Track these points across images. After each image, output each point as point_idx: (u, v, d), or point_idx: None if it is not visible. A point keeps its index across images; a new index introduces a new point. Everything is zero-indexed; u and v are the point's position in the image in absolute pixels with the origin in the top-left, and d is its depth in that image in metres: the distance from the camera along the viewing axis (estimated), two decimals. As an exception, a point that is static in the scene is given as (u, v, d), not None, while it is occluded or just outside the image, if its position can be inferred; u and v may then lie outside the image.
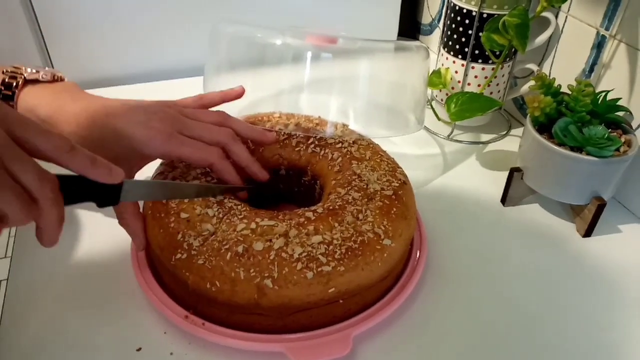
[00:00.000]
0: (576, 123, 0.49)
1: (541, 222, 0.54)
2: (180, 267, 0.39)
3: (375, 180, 0.43)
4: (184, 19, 0.75)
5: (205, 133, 0.43)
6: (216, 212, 0.40)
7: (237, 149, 0.44)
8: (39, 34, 0.71)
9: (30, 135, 0.30)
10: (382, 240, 0.39)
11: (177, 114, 0.44)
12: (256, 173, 0.45)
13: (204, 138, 0.43)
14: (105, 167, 0.33)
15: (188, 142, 0.42)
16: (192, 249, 0.38)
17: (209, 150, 0.42)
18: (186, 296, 0.40)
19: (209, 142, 0.43)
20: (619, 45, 0.54)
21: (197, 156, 0.42)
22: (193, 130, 0.43)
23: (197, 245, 0.38)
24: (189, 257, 0.38)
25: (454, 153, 0.64)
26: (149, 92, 0.73)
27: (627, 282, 0.48)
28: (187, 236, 0.39)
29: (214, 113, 0.46)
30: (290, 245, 0.38)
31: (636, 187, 0.54)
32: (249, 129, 0.46)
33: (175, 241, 0.39)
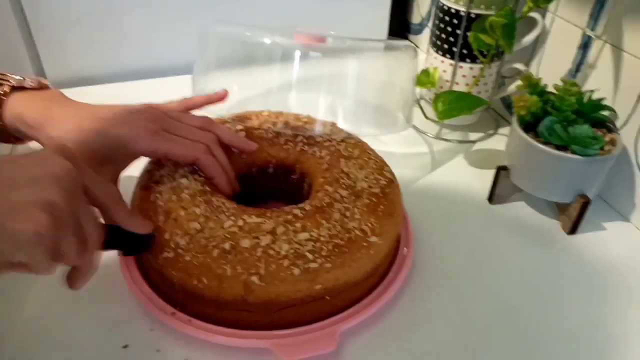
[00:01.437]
0: (562, 122, 0.50)
1: (527, 219, 0.54)
2: (167, 265, 0.39)
3: (363, 178, 0.44)
4: (173, 18, 0.75)
5: (189, 135, 0.44)
6: (203, 211, 0.40)
7: (218, 154, 0.45)
8: (27, 32, 0.70)
9: (92, 184, 0.34)
10: (368, 237, 0.40)
11: (162, 114, 0.44)
12: (226, 184, 0.45)
13: (188, 138, 0.44)
14: (139, 219, 0.39)
15: (173, 139, 0.43)
16: (178, 247, 0.38)
17: (194, 146, 0.43)
18: (173, 293, 0.40)
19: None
20: (604, 45, 0.54)
21: (183, 152, 0.42)
22: (178, 130, 0.44)
23: (183, 244, 0.38)
24: (176, 255, 0.38)
25: (441, 152, 0.64)
26: (139, 90, 0.73)
27: (612, 279, 0.48)
28: (174, 235, 0.39)
29: (199, 117, 0.47)
30: (278, 243, 0.38)
31: (620, 186, 0.55)
32: (232, 136, 0.47)
33: (162, 240, 0.39)
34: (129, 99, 0.45)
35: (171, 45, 0.77)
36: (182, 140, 0.43)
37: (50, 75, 0.74)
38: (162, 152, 0.42)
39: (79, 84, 0.73)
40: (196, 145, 0.43)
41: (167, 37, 0.77)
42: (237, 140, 0.48)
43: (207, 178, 0.44)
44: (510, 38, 0.54)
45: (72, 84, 0.72)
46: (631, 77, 0.52)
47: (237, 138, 0.48)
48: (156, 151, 0.42)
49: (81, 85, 0.73)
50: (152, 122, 0.43)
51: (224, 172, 0.45)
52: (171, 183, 0.42)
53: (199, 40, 0.55)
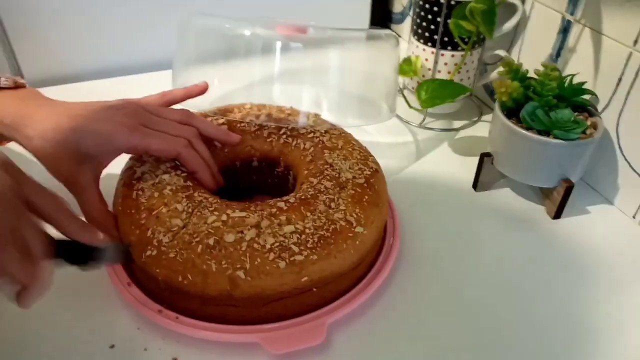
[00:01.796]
0: (543, 107, 0.50)
1: (512, 205, 0.55)
2: (151, 263, 0.38)
3: (347, 169, 0.44)
4: (152, 12, 0.74)
5: (169, 130, 0.43)
6: (185, 207, 0.40)
7: (200, 148, 0.44)
8: (1, 28, 0.69)
9: (34, 195, 0.33)
10: (354, 228, 0.39)
11: (140, 109, 0.44)
12: (209, 178, 0.45)
13: (168, 133, 0.43)
14: (88, 230, 0.36)
15: (153, 134, 0.42)
16: (161, 245, 0.38)
17: (175, 141, 0.42)
18: (159, 291, 0.40)
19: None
20: (583, 29, 0.55)
21: (164, 147, 0.42)
22: (157, 125, 0.43)
23: (166, 241, 0.38)
24: (159, 253, 0.38)
25: (426, 140, 0.64)
26: (119, 87, 0.72)
27: (596, 262, 0.49)
28: (157, 232, 0.38)
29: (178, 111, 0.46)
30: (262, 236, 0.38)
31: (602, 169, 0.55)
32: (213, 129, 0.47)
33: (145, 238, 0.39)
34: (109, 96, 0.44)
35: (151, 39, 0.76)
36: (162, 135, 0.42)
37: (28, 73, 0.72)
38: (142, 147, 0.42)
39: (57, 83, 0.71)
40: (177, 140, 0.43)
41: (146, 32, 0.75)
42: (219, 133, 0.47)
43: (189, 173, 0.43)
44: (490, 24, 0.54)
45: (50, 83, 0.71)
46: (611, 61, 0.52)
47: (218, 130, 0.47)
48: (136, 147, 0.42)
49: (59, 84, 0.71)
50: (131, 118, 0.42)
51: (207, 166, 0.44)
52: (153, 180, 0.42)
53: (178, 33, 0.54)
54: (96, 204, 0.42)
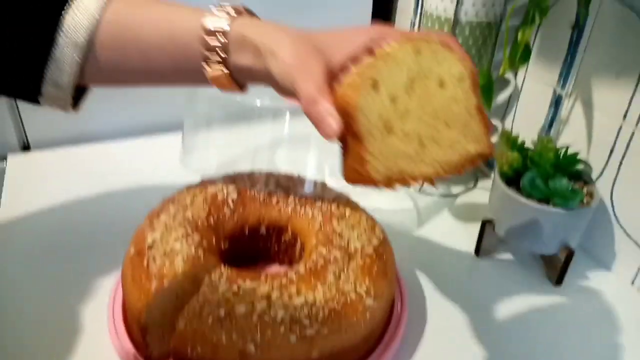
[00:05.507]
0: (542, 176, 0.52)
1: (514, 272, 0.56)
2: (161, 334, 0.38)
3: (356, 238, 0.44)
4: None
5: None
6: (196, 276, 0.40)
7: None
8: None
9: None
10: (364, 300, 0.40)
11: None
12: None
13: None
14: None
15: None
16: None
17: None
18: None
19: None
20: (575, 103, 0.57)
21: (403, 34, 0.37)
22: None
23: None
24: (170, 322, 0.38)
25: (426, 206, 0.65)
26: (125, 150, 0.73)
27: (597, 329, 0.49)
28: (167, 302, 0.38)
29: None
30: (273, 308, 0.38)
31: (599, 235, 0.57)
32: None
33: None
34: (117, 158, 0.45)
35: (160, 102, 0.77)
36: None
37: (32, 135, 0.73)
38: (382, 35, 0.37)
39: (64, 144, 0.72)
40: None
41: (156, 94, 0.77)
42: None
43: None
44: (488, 97, 0.56)
45: (58, 144, 0.72)
46: (602, 133, 0.55)
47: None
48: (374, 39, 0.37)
49: (66, 144, 0.72)
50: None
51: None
52: (164, 248, 0.42)
53: (188, 99, 0.56)
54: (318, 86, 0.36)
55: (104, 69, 0.40)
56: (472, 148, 0.36)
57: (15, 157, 0.70)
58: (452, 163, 0.36)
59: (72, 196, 0.62)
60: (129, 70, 0.41)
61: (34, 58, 0.38)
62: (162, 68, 0.41)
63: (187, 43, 0.39)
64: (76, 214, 0.60)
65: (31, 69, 0.39)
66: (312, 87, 0.35)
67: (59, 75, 0.39)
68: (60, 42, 0.38)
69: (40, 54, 0.38)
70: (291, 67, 0.36)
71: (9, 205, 0.60)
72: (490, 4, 0.57)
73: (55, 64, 0.39)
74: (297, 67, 0.36)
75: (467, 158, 0.36)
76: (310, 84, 0.35)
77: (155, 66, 0.40)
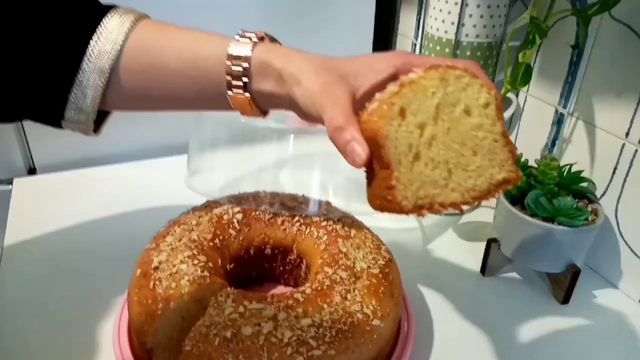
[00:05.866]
0: (546, 195, 0.52)
1: (520, 290, 0.55)
2: (168, 357, 0.38)
3: (362, 258, 0.44)
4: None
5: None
6: (202, 297, 0.40)
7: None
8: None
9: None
10: (371, 321, 0.40)
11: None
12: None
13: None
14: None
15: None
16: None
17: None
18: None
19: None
20: (577, 121, 0.58)
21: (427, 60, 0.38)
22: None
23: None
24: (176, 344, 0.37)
25: (431, 226, 0.65)
26: (132, 172, 0.74)
27: (605, 347, 0.49)
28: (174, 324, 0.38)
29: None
30: (280, 329, 0.38)
31: (604, 253, 0.57)
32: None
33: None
34: (122, 181, 0.45)
35: (167, 125, 0.78)
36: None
37: (38, 158, 0.74)
38: (406, 62, 0.38)
39: (69, 167, 0.73)
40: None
41: (162, 117, 0.78)
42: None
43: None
44: (490, 117, 0.57)
45: (64, 167, 0.73)
46: (605, 151, 0.55)
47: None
48: (396, 65, 0.38)
49: (72, 168, 0.73)
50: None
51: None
52: (170, 270, 0.42)
53: (195, 122, 0.57)
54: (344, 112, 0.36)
55: (127, 94, 0.41)
56: (498, 174, 0.36)
57: (21, 180, 0.71)
58: (479, 189, 0.36)
59: (77, 219, 0.62)
60: (152, 95, 0.42)
61: (59, 83, 0.39)
62: (185, 94, 0.41)
63: (210, 69, 0.40)
64: (82, 236, 0.60)
65: (55, 93, 0.39)
66: (339, 114, 0.35)
67: (83, 100, 0.40)
68: (84, 68, 0.39)
69: (65, 79, 0.39)
70: (317, 95, 0.36)
71: (15, 228, 0.60)
72: (490, 25, 0.58)
73: (79, 89, 0.39)
74: (324, 95, 0.36)
75: (493, 184, 0.36)
76: (337, 112, 0.35)
77: (178, 92, 0.41)
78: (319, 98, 0.36)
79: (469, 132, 0.35)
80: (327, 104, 0.36)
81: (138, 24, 0.40)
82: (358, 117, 0.35)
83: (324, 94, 0.36)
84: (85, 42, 0.39)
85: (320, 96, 0.36)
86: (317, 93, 0.36)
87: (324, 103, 0.36)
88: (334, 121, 0.35)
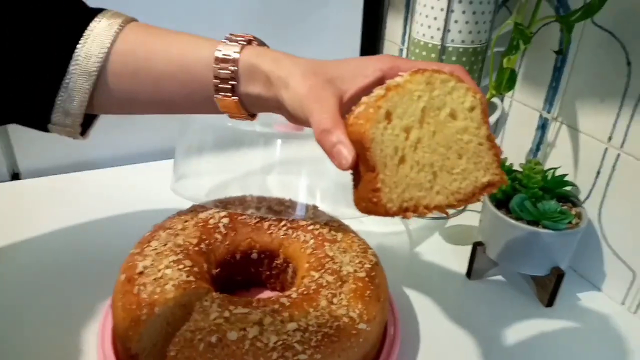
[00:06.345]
0: (530, 199, 0.52)
1: (506, 293, 0.56)
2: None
3: (348, 262, 0.44)
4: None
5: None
6: (187, 302, 0.40)
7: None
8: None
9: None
10: (357, 324, 0.40)
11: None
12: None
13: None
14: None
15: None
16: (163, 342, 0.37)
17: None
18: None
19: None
20: (561, 126, 0.59)
21: (414, 64, 0.38)
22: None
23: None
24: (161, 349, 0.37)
25: (418, 229, 0.66)
26: (118, 177, 0.73)
27: (589, 350, 0.49)
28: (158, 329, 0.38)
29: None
30: (265, 334, 0.37)
31: (588, 256, 0.57)
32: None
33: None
34: (107, 186, 0.45)
35: (153, 129, 0.77)
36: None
37: (23, 163, 0.73)
38: (395, 65, 0.38)
39: (56, 172, 0.72)
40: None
41: (148, 122, 0.77)
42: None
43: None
44: (475, 122, 0.57)
45: (49, 172, 0.72)
46: (588, 155, 0.56)
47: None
48: (383, 69, 0.38)
49: (58, 173, 0.72)
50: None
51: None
52: (155, 275, 0.42)
53: (181, 127, 0.56)
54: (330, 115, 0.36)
55: (115, 98, 0.41)
56: (483, 177, 0.37)
57: (3, 185, 0.70)
58: (464, 192, 0.36)
59: (62, 224, 0.61)
60: (139, 99, 0.41)
61: (46, 86, 0.39)
62: (173, 97, 0.41)
63: (198, 71, 0.40)
64: (66, 241, 0.59)
65: (42, 96, 0.39)
66: (326, 117, 0.35)
67: (69, 103, 0.39)
68: (71, 71, 0.39)
69: (51, 82, 0.39)
70: (304, 98, 0.37)
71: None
72: (476, 31, 0.59)
73: (66, 92, 0.39)
74: (311, 98, 0.37)
75: (478, 187, 0.37)
76: (324, 115, 0.36)
77: (166, 95, 0.41)
78: (306, 101, 0.37)
79: (454, 135, 0.36)
80: (314, 107, 0.36)
81: (126, 27, 0.40)
82: (345, 120, 0.36)
83: (311, 97, 0.37)
84: (73, 45, 0.38)
85: (308, 99, 0.37)
86: (305, 96, 0.37)
87: (311, 106, 0.36)
88: (321, 124, 0.35)
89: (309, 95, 0.37)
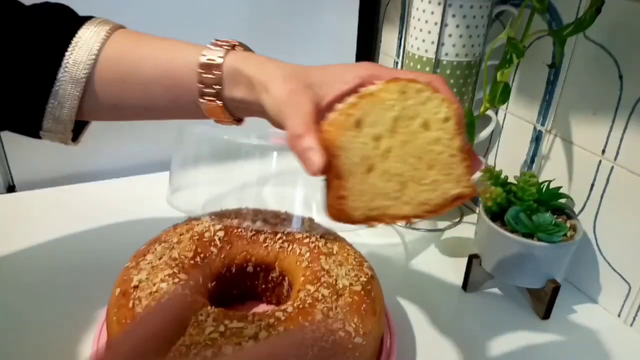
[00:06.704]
0: (525, 211, 0.53)
1: (502, 306, 0.56)
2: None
3: (344, 276, 0.44)
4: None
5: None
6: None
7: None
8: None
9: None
10: (353, 338, 0.39)
11: None
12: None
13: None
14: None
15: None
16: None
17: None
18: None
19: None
20: (555, 139, 0.59)
21: (397, 73, 0.38)
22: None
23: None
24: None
25: (413, 242, 0.66)
26: (112, 189, 0.73)
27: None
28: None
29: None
30: (261, 348, 0.37)
31: (584, 269, 0.57)
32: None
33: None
34: (102, 199, 0.45)
35: (148, 142, 0.77)
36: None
37: (18, 175, 0.73)
38: (374, 75, 0.38)
39: (50, 185, 0.72)
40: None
41: (144, 134, 0.77)
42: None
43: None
44: (471, 135, 0.58)
45: (44, 185, 0.72)
46: (582, 168, 0.56)
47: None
48: (363, 77, 0.38)
49: (52, 185, 0.72)
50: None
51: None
52: (150, 289, 0.41)
53: (177, 138, 0.56)
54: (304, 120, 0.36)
55: (104, 103, 0.41)
56: (453, 189, 0.36)
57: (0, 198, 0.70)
58: (433, 203, 0.36)
59: (57, 237, 0.61)
60: (128, 104, 0.42)
61: (36, 94, 0.39)
62: (159, 102, 0.41)
63: (183, 77, 0.40)
64: (61, 254, 0.59)
65: (32, 104, 0.39)
66: (299, 123, 0.36)
67: (60, 110, 0.40)
68: (60, 78, 0.39)
69: (41, 90, 0.39)
70: (282, 103, 0.37)
71: (-8, 246, 0.59)
72: (469, 44, 0.59)
73: (56, 99, 0.39)
74: (287, 103, 0.37)
75: (447, 199, 0.36)
76: (298, 120, 0.36)
77: (153, 100, 0.41)
78: (283, 106, 0.37)
79: (425, 146, 0.36)
80: (290, 111, 0.36)
81: (114, 34, 0.41)
82: (320, 127, 0.36)
83: (288, 102, 0.37)
84: (61, 52, 0.39)
85: (285, 104, 0.37)
86: (282, 101, 0.37)
87: (287, 111, 0.37)
88: (294, 129, 0.36)
89: (287, 100, 0.37)
